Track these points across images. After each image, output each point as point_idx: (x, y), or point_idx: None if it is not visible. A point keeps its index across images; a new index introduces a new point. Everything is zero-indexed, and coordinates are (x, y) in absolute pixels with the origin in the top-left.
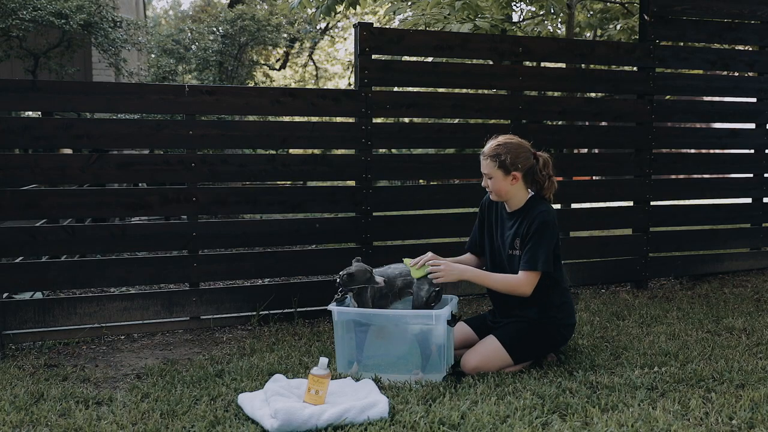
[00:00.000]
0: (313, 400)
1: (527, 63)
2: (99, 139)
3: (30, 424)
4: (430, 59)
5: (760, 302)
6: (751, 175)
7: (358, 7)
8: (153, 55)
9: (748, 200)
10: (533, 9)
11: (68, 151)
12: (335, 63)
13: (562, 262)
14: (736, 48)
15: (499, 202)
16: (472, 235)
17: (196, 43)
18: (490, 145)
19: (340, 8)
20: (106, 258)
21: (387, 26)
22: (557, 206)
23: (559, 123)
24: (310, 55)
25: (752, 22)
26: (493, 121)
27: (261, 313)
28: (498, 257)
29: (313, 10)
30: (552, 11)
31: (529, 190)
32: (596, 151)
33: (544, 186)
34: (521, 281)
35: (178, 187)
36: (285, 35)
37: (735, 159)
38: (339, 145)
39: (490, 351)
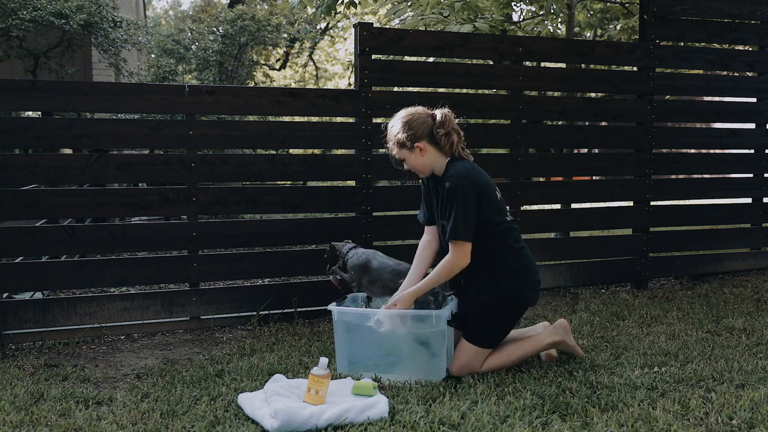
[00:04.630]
0: (313, 400)
1: (527, 63)
2: (99, 139)
3: (30, 424)
4: (430, 59)
5: (760, 302)
6: (751, 175)
7: (358, 7)
8: (153, 55)
9: (748, 200)
10: (533, 9)
11: (68, 151)
12: (335, 63)
13: (562, 261)
14: (736, 48)
15: (431, 178)
16: (420, 208)
17: (196, 43)
18: (389, 130)
19: (340, 8)
20: (106, 258)
21: (387, 26)
22: (557, 206)
23: (559, 123)
24: (310, 55)
25: (752, 22)
26: (493, 121)
27: (261, 313)
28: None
29: (313, 9)
30: (552, 11)
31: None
32: (596, 151)
33: (441, 143)
34: (451, 257)
35: (178, 187)
36: (285, 35)
37: (735, 159)
38: (339, 145)
39: (466, 355)
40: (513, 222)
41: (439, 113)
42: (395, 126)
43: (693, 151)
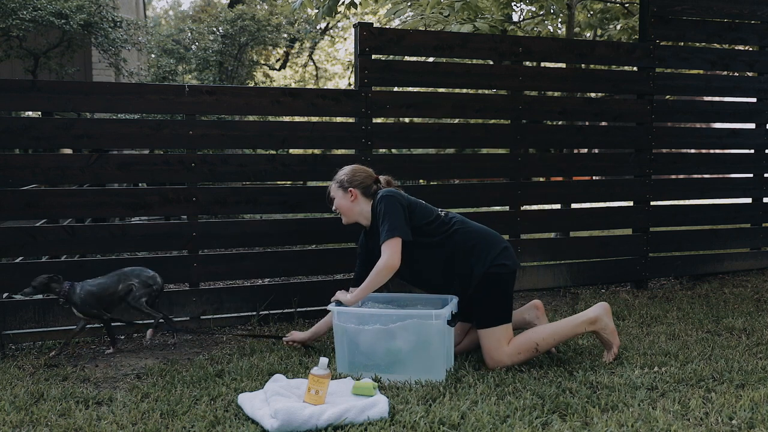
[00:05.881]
0: (313, 400)
1: (527, 63)
2: (99, 139)
3: (30, 424)
4: (430, 59)
5: (760, 302)
6: (751, 175)
7: (358, 7)
8: (153, 55)
9: (748, 200)
10: (533, 9)
11: (68, 151)
12: (335, 63)
13: (562, 261)
14: (736, 48)
15: (367, 231)
16: (356, 271)
17: (196, 43)
18: (337, 173)
19: (340, 8)
20: (106, 258)
21: (387, 26)
22: (557, 206)
23: (559, 123)
24: (310, 55)
25: (752, 22)
26: (493, 121)
27: (261, 313)
28: None
29: (314, 10)
30: (552, 11)
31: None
32: (596, 151)
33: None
34: (383, 257)
35: (178, 187)
36: (285, 35)
37: (735, 159)
38: (339, 145)
39: (488, 341)
40: (448, 213)
41: (383, 178)
42: (342, 171)
43: (693, 151)
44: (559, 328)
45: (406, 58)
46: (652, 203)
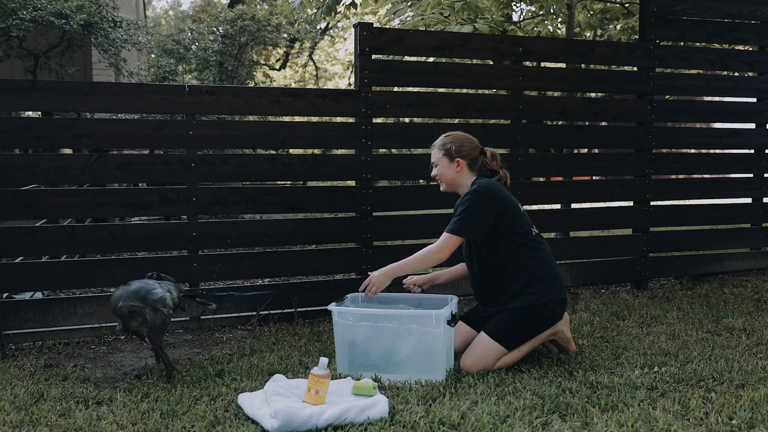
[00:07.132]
0: (313, 400)
1: (527, 63)
2: (99, 139)
3: (30, 424)
4: (430, 59)
5: (760, 302)
6: (751, 175)
7: (358, 7)
8: (153, 55)
9: (748, 200)
10: (533, 9)
11: (68, 151)
12: (335, 63)
13: (562, 261)
14: (736, 48)
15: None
16: None
17: (196, 43)
18: (440, 138)
19: (340, 9)
20: (106, 258)
21: (387, 26)
22: (557, 206)
23: (559, 123)
24: (310, 55)
25: (752, 22)
26: (493, 121)
27: (261, 313)
28: None
29: (314, 10)
30: (552, 11)
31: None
32: (596, 151)
33: (500, 175)
34: (436, 244)
35: (178, 187)
36: (285, 35)
37: (735, 159)
38: (339, 145)
39: (483, 349)
40: (540, 236)
41: (488, 150)
42: (449, 137)
43: (693, 151)
44: (531, 343)
45: (406, 58)
46: (652, 203)
